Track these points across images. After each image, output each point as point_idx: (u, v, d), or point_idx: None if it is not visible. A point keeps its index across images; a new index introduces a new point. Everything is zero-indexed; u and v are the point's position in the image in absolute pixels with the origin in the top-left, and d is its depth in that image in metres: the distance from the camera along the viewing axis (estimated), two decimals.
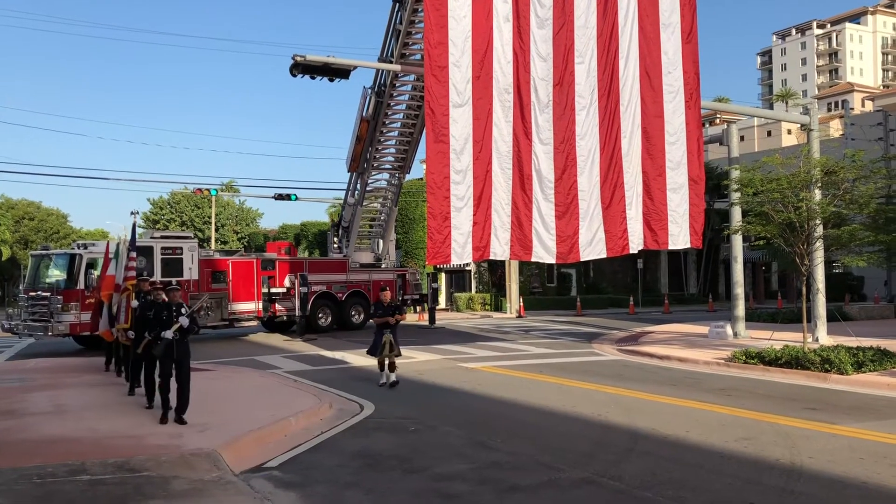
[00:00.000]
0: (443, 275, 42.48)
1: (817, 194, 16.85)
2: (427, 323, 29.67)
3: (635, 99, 18.38)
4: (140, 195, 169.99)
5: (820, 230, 16.15)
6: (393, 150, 27.67)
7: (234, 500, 6.94)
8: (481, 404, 12.00)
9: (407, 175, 29.06)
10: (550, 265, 42.20)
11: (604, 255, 18.15)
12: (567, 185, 17.27)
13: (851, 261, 15.93)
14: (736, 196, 18.69)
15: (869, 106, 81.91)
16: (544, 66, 17.14)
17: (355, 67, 18.27)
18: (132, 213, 14.97)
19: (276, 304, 25.50)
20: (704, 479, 7.47)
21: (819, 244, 16.61)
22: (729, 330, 21.13)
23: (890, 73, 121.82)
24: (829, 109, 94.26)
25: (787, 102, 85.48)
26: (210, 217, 60.68)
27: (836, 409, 11.10)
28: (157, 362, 10.16)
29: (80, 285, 20.61)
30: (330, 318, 26.62)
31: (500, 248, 16.68)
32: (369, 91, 25.41)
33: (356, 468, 8.14)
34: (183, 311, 9.95)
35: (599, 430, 9.89)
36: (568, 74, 17.39)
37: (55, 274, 21.49)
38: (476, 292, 41.62)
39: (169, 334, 9.69)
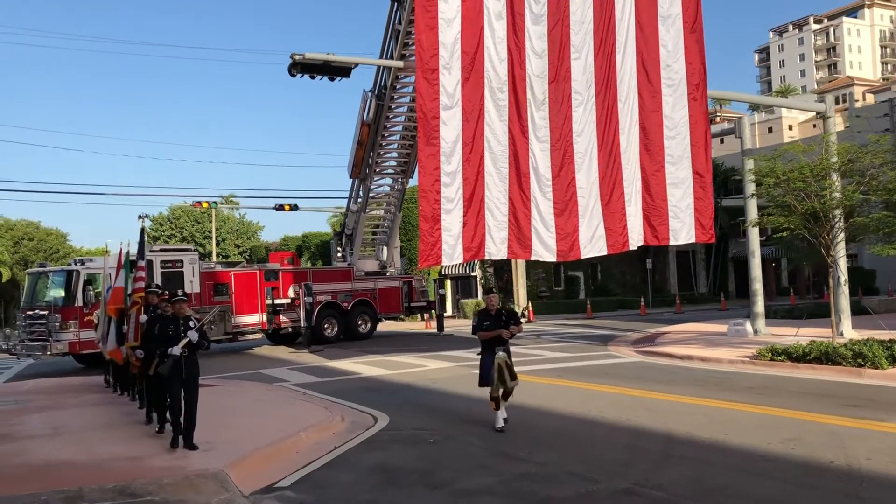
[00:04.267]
0: (448, 281, 41.88)
1: (839, 182, 16.27)
2: (435, 330, 29.10)
3: (633, 94, 17.91)
4: (138, 210, 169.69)
5: (844, 219, 15.56)
6: (395, 155, 27.14)
7: None
8: None
9: (410, 180, 28.52)
10: (557, 268, 41.72)
11: (605, 252, 17.67)
12: (565, 182, 16.85)
13: (882, 250, 15.32)
14: (752, 188, 18.09)
15: (870, 99, 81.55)
16: (540, 62, 16.72)
17: (356, 65, 17.80)
18: (140, 217, 14.39)
19: (281, 316, 24.93)
20: (753, 485, 6.89)
21: (842, 234, 16.01)
22: (749, 327, 20.52)
23: (889, 66, 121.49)
24: None
25: (786, 98, 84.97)
26: (210, 232, 60.13)
27: (879, 405, 10.49)
28: (165, 382, 9.31)
29: (79, 302, 20.10)
30: (336, 329, 26.05)
31: (494, 248, 16.27)
32: (369, 94, 24.89)
33: (374, 485, 7.55)
34: (191, 324, 9.10)
35: (629, 435, 9.31)
36: (564, 70, 16.95)
37: (53, 292, 20.95)
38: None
39: (176, 350, 8.85)
